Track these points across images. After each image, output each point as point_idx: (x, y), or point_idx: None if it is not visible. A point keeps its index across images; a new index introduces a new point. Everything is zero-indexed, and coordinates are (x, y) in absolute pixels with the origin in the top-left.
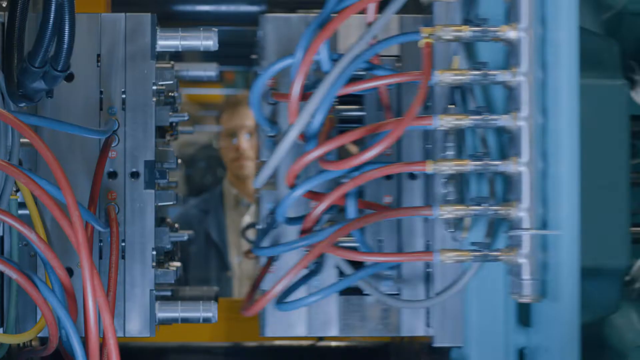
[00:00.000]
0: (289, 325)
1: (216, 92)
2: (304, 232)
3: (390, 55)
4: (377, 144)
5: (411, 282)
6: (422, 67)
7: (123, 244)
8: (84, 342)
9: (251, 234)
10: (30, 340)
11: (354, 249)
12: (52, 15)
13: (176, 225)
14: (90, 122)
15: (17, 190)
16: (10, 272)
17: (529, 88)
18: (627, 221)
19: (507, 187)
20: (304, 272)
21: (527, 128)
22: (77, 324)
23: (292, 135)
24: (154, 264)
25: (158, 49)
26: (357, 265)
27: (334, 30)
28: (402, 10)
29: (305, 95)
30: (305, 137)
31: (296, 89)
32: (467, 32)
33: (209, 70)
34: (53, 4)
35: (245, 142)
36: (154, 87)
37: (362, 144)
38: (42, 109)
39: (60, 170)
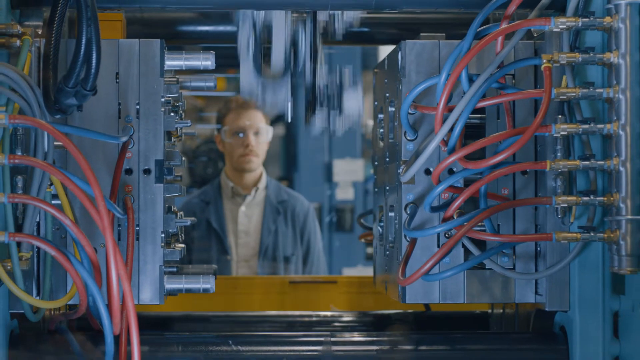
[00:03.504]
0: (425, 294)
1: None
2: (445, 219)
3: (509, 74)
4: (510, 148)
5: (523, 259)
6: (544, 85)
7: (137, 228)
8: (107, 306)
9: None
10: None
11: (483, 232)
12: (82, 48)
13: (181, 212)
14: (111, 128)
15: (51, 184)
16: (50, 250)
17: (627, 102)
18: None
19: (609, 182)
20: (434, 248)
21: (626, 134)
22: (101, 291)
23: (436, 140)
24: (163, 244)
25: (165, 67)
26: (479, 244)
27: (472, 57)
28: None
29: (447, 108)
30: (447, 143)
31: (442, 104)
32: (578, 57)
33: (209, 81)
34: (84, 39)
35: (253, 140)
36: (163, 99)
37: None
38: (71, 118)
39: (89, 168)
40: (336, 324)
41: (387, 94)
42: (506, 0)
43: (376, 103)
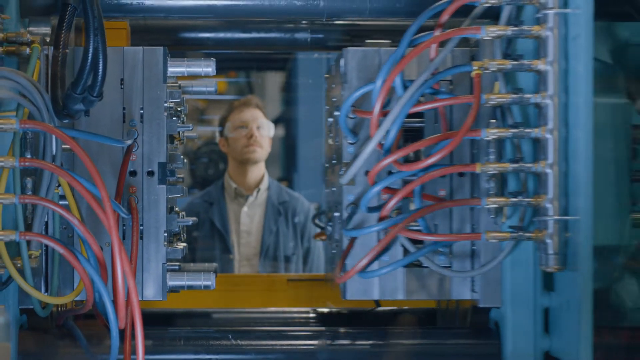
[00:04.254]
0: (364, 291)
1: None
2: (381, 218)
3: (446, 80)
4: (440, 152)
5: (460, 257)
6: (474, 91)
7: (141, 227)
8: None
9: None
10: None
11: (418, 231)
12: (90, 56)
13: (182, 212)
14: (115, 132)
15: (58, 186)
16: (58, 248)
17: (554, 107)
18: (627, 210)
19: (537, 184)
20: (372, 246)
21: (553, 138)
22: (107, 287)
23: (372, 144)
24: (166, 243)
25: (168, 74)
26: (417, 244)
27: (406, 64)
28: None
29: (382, 112)
30: (383, 146)
31: (377, 109)
32: (507, 64)
33: (209, 86)
34: (91, 48)
35: (257, 132)
36: (165, 105)
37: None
38: (78, 122)
39: (96, 170)
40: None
41: (334, 99)
42: (440, 10)
43: (327, 107)
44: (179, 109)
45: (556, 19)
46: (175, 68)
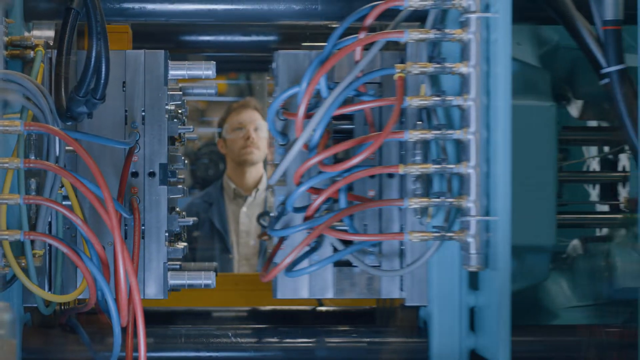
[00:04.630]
0: (294, 289)
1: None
2: (307, 218)
3: (375, 82)
4: (362, 153)
5: (389, 257)
6: (396, 94)
7: (143, 227)
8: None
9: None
10: (68, 302)
11: (345, 231)
12: (93, 60)
13: (183, 212)
14: (117, 133)
15: (62, 186)
16: (62, 247)
17: (476, 110)
18: (553, 210)
19: (460, 184)
20: (306, 248)
21: (474, 140)
22: (109, 285)
23: (298, 145)
24: (167, 243)
25: (169, 77)
26: (347, 244)
27: (330, 66)
28: (385, 47)
29: (308, 114)
30: (308, 147)
31: (301, 111)
32: (430, 68)
33: (210, 88)
34: (94, 52)
35: (254, 133)
36: (166, 107)
37: (352, 150)
38: (81, 124)
39: (99, 172)
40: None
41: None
42: (365, 13)
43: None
44: (180, 111)
45: (478, 23)
46: (176, 71)
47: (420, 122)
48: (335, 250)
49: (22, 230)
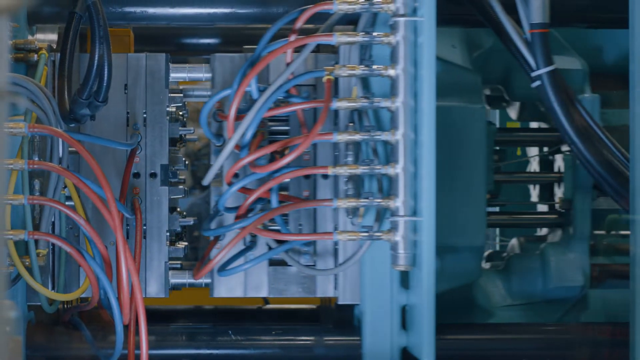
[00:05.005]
0: (230, 288)
1: None
2: (238, 217)
3: (309, 85)
4: (290, 154)
5: (324, 257)
6: (325, 96)
7: (145, 227)
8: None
9: None
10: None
11: (277, 231)
12: (95, 64)
13: (184, 212)
14: (119, 135)
15: (65, 187)
16: (65, 247)
17: (404, 112)
18: (483, 211)
19: (390, 185)
20: (241, 247)
21: (402, 142)
22: (112, 284)
23: (229, 146)
24: (168, 242)
25: (170, 79)
26: (283, 243)
27: (260, 69)
28: (320, 49)
29: (241, 116)
30: (240, 148)
31: (232, 112)
32: (358, 70)
33: (210, 90)
34: (96, 56)
35: None
36: (167, 109)
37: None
38: (83, 125)
39: (101, 173)
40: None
41: None
42: (296, 17)
43: None
44: (181, 112)
45: (405, 27)
46: (178, 74)
47: (352, 124)
48: (270, 249)
49: (27, 230)
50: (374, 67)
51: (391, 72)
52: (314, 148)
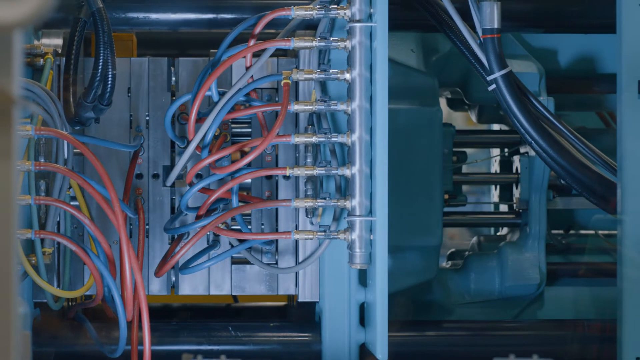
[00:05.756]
0: (193, 286)
1: None
2: (198, 217)
3: (270, 88)
4: (247, 156)
5: (285, 255)
6: (282, 99)
7: (147, 226)
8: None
9: None
10: (75, 298)
11: (239, 230)
12: (100, 68)
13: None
14: (123, 137)
15: (69, 188)
16: (71, 245)
17: (359, 115)
18: (440, 211)
19: (346, 186)
20: (204, 246)
21: (358, 144)
22: (115, 282)
23: (190, 148)
24: (170, 241)
25: (172, 82)
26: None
27: (219, 73)
28: (281, 54)
29: (203, 119)
30: (201, 149)
31: (192, 116)
32: (314, 75)
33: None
34: (101, 60)
35: None
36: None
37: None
38: (88, 128)
39: (106, 174)
40: None
41: None
42: (255, 22)
43: None
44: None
45: (361, 32)
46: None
47: (311, 126)
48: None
49: (33, 230)
50: (331, 71)
51: (347, 76)
52: (275, 149)
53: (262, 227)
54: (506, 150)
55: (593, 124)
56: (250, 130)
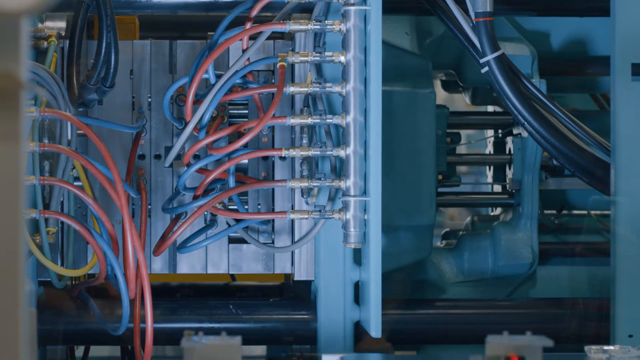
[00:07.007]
0: (191, 265)
1: None
2: (195, 197)
3: (267, 70)
4: (244, 137)
5: (281, 235)
6: (278, 81)
7: (149, 206)
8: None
9: None
10: (79, 277)
11: (235, 210)
12: (103, 51)
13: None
14: (125, 119)
15: (73, 168)
16: (74, 225)
17: (353, 97)
18: (433, 191)
19: (341, 167)
20: (202, 225)
21: (352, 125)
22: (118, 260)
23: (188, 129)
24: (172, 221)
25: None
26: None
27: (216, 56)
28: (277, 36)
29: (200, 101)
30: (198, 130)
31: (190, 97)
32: (310, 57)
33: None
34: (104, 43)
35: None
36: (171, 93)
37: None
38: (91, 110)
39: (108, 154)
40: None
41: None
42: (251, 5)
43: None
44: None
45: (355, 15)
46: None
47: (306, 108)
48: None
49: (37, 209)
50: (326, 54)
51: (342, 58)
52: (271, 131)
53: (259, 207)
54: (500, 131)
55: (586, 106)
56: (247, 112)
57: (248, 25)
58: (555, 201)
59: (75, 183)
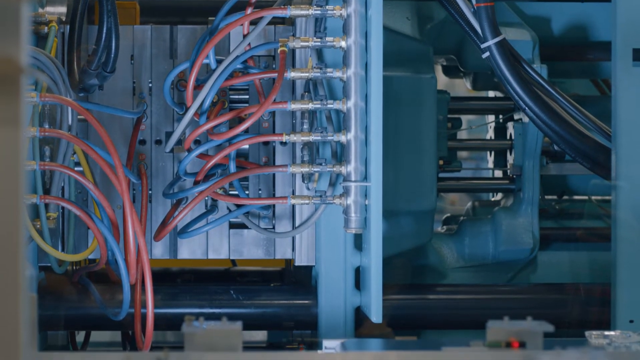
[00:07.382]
0: (192, 250)
1: None
2: (196, 182)
3: (268, 55)
4: (244, 123)
5: (282, 220)
6: (279, 67)
7: (150, 192)
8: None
9: None
10: (80, 262)
11: (236, 195)
12: (103, 36)
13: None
14: (126, 104)
15: (74, 153)
16: (75, 210)
17: (354, 82)
18: (434, 176)
19: (342, 152)
20: (201, 211)
21: (353, 110)
22: (119, 245)
23: (189, 114)
24: (172, 206)
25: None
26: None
27: (217, 41)
28: (278, 22)
29: (201, 86)
30: (199, 115)
31: (191, 81)
32: (311, 42)
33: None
34: (104, 28)
35: None
36: (172, 78)
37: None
38: (92, 95)
39: (109, 139)
40: None
41: None
42: None
43: None
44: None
45: (357, 0)
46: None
47: (307, 93)
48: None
49: (38, 195)
50: (327, 39)
51: (343, 43)
52: (273, 116)
53: (260, 192)
54: (501, 116)
55: (587, 91)
56: (247, 97)
57: (249, 10)
58: (556, 186)
59: (76, 168)
